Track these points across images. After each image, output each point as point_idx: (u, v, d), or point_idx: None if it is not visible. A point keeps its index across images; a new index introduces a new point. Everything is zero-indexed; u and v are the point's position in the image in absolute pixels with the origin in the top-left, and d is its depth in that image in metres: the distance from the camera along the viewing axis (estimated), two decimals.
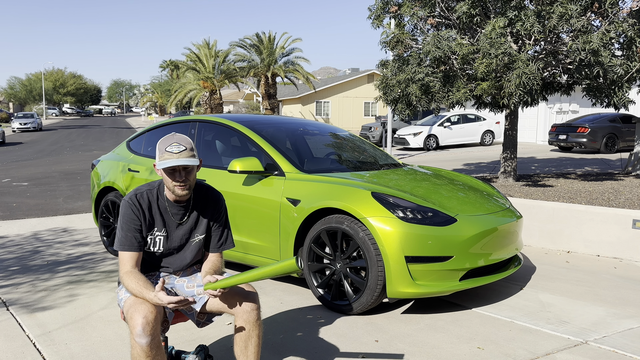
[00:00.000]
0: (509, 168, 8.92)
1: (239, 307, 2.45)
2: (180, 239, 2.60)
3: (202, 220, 2.63)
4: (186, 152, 2.42)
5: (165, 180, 2.48)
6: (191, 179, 2.48)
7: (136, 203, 2.51)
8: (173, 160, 2.39)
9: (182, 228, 2.60)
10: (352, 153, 5.23)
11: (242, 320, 2.44)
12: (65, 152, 22.21)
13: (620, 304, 4.03)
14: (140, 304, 2.28)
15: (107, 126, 47.03)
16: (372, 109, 39.82)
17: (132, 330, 2.24)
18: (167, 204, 2.56)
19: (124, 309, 2.36)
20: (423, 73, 7.55)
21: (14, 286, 4.48)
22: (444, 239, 3.63)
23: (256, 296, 2.49)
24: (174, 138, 2.47)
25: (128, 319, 2.28)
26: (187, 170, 2.46)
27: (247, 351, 2.45)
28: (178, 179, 2.44)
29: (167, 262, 2.63)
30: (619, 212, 5.36)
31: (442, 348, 3.24)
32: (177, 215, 2.58)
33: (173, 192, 2.49)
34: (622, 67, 6.75)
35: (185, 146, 2.43)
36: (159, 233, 2.55)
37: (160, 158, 2.43)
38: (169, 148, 2.42)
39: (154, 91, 76.75)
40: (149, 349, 2.23)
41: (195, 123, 5.11)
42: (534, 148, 19.69)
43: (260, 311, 2.50)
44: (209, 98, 35.07)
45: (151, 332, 2.23)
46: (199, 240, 2.64)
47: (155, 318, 2.26)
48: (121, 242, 2.47)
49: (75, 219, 7.61)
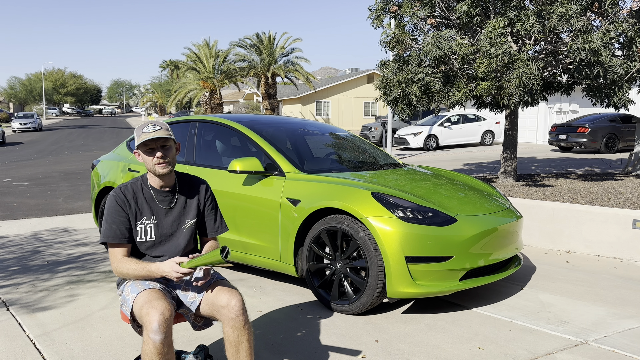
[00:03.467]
0: (509, 168, 8.92)
1: (224, 313, 2.43)
2: (171, 225, 2.62)
3: (190, 204, 2.66)
4: (162, 131, 2.50)
5: (146, 161, 2.52)
6: (170, 156, 2.53)
7: (120, 195, 2.54)
8: (149, 134, 2.47)
9: (172, 214, 2.62)
10: (352, 153, 5.23)
11: (229, 326, 2.42)
12: (66, 152, 22.21)
13: (620, 304, 4.03)
14: (156, 300, 2.31)
15: (107, 126, 47.03)
16: (372, 109, 39.82)
17: (147, 327, 2.24)
18: (153, 191, 2.59)
19: (136, 306, 2.35)
20: (423, 73, 7.55)
21: (14, 286, 4.48)
22: (444, 239, 3.63)
23: (240, 301, 2.45)
24: (150, 121, 2.57)
25: (143, 315, 2.28)
26: (165, 148, 2.51)
27: (239, 356, 2.43)
28: (157, 155, 2.48)
29: (161, 251, 2.62)
30: (619, 212, 5.36)
31: (442, 348, 3.24)
32: (164, 201, 2.60)
33: (155, 173, 2.52)
34: (622, 67, 6.74)
35: (161, 126, 2.51)
36: (148, 221, 2.57)
37: (138, 139, 2.49)
38: (145, 129, 2.50)
39: (154, 91, 76.75)
40: (162, 346, 2.25)
41: (195, 123, 5.11)
42: (534, 148, 19.69)
43: (247, 314, 2.46)
44: (209, 98, 35.07)
45: (166, 330, 2.26)
46: (191, 225, 2.66)
47: (171, 316, 2.30)
48: (105, 234, 2.50)
49: (76, 219, 7.61)
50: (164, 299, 2.34)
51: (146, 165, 2.53)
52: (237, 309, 2.42)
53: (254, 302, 4.06)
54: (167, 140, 2.51)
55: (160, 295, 2.38)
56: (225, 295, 2.45)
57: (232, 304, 2.42)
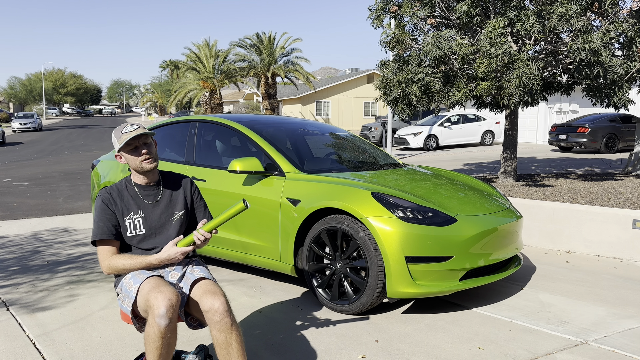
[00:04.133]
0: (509, 168, 8.91)
1: (209, 317, 2.42)
2: (159, 217, 2.67)
3: (177, 197, 2.73)
4: (141, 129, 2.59)
5: (131, 161, 2.59)
6: (153, 152, 2.63)
7: (106, 194, 2.62)
8: (130, 133, 2.55)
9: (159, 207, 2.67)
10: (352, 153, 5.23)
11: (216, 329, 2.42)
12: (66, 152, 22.21)
13: (620, 304, 4.03)
14: (163, 286, 2.36)
15: (107, 126, 47.02)
16: (372, 109, 39.82)
17: (154, 311, 2.28)
18: (137, 188, 2.67)
19: (141, 295, 2.38)
20: (423, 73, 7.55)
21: (14, 286, 4.48)
22: (444, 239, 3.63)
23: (223, 303, 2.42)
24: (125, 123, 2.64)
25: (151, 299, 2.31)
26: (147, 144, 2.61)
27: (230, 357, 2.42)
28: (142, 152, 2.57)
29: (153, 243, 2.65)
30: (619, 212, 5.36)
31: (442, 348, 3.24)
32: (150, 195, 2.67)
33: (142, 169, 2.60)
34: (622, 67, 6.74)
35: (139, 125, 2.61)
36: (136, 216, 2.63)
37: (120, 141, 2.56)
38: (124, 130, 2.59)
39: (154, 91, 76.75)
40: (166, 330, 2.29)
41: (195, 123, 5.11)
42: (534, 148, 19.69)
43: (233, 315, 2.44)
44: (209, 98, 35.07)
45: (172, 316, 2.31)
46: (180, 217, 2.71)
47: (177, 302, 2.35)
48: (94, 233, 2.57)
49: (76, 219, 7.61)
50: (169, 286, 2.39)
51: (131, 165, 2.61)
52: (221, 311, 2.40)
53: (254, 302, 4.06)
54: (147, 137, 2.62)
55: (164, 282, 2.44)
56: (208, 299, 2.43)
57: (215, 306, 2.41)
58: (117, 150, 2.60)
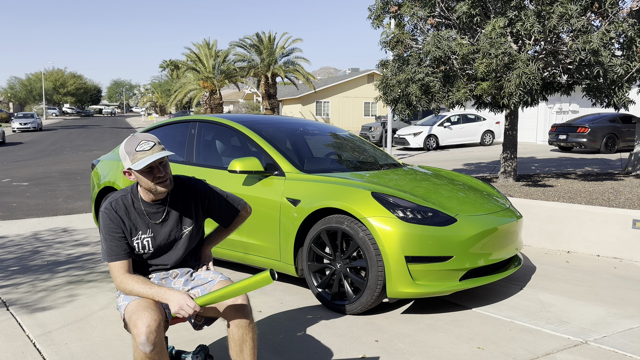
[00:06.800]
0: (509, 168, 8.92)
1: (231, 311, 2.42)
2: (168, 235, 2.54)
3: (186, 212, 2.57)
4: (157, 147, 2.36)
5: (143, 181, 2.39)
6: (169, 172, 2.42)
7: (113, 213, 2.43)
8: (149, 157, 2.31)
9: (167, 225, 2.53)
10: (352, 153, 5.23)
11: (234, 324, 2.42)
12: (65, 152, 22.21)
13: (620, 304, 4.03)
14: (143, 311, 2.23)
15: (107, 126, 47.03)
16: (372, 109, 39.82)
17: (135, 338, 2.20)
18: (143, 205, 2.48)
19: (126, 316, 2.30)
20: (423, 73, 7.55)
21: (14, 286, 4.48)
22: (444, 239, 3.63)
23: (246, 300, 2.45)
24: (140, 137, 2.39)
25: (131, 327, 2.23)
26: (163, 164, 2.39)
27: (242, 354, 2.44)
28: (158, 174, 2.36)
29: (162, 260, 2.59)
30: (619, 212, 5.36)
31: (442, 348, 3.24)
32: (156, 214, 2.51)
33: (155, 191, 2.41)
34: (622, 67, 6.74)
35: (154, 141, 2.37)
36: (144, 235, 2.49)
37: (133, 160, 2.34)
38: (139, 147, 2.34)
39: (154, 91, 76.74)
40: (153, 354, 2.21)
41: (195, 123, 5.11)
42: (534, 148, 19.69)
43: (252, 313, 2.48)
44: (209, 98, 35.08)
45: (154, 341, 2.20)
46: (189, 231, 2.59)
47: (159, 326, 2.23)
48: (108, 254, 2.41)
49: (75, 219, 7.61)
50: (152, 309, 2.26)
51: (142, 185, 2.41)
52: (244, 308, 2.43)
53: (254, 302, 4.06)
54: (163, 157, 2.38)
55: (149, 304, 2.29)
56: None
57: (238, 302, 2.42)
58: (126, 167, 2.37)
